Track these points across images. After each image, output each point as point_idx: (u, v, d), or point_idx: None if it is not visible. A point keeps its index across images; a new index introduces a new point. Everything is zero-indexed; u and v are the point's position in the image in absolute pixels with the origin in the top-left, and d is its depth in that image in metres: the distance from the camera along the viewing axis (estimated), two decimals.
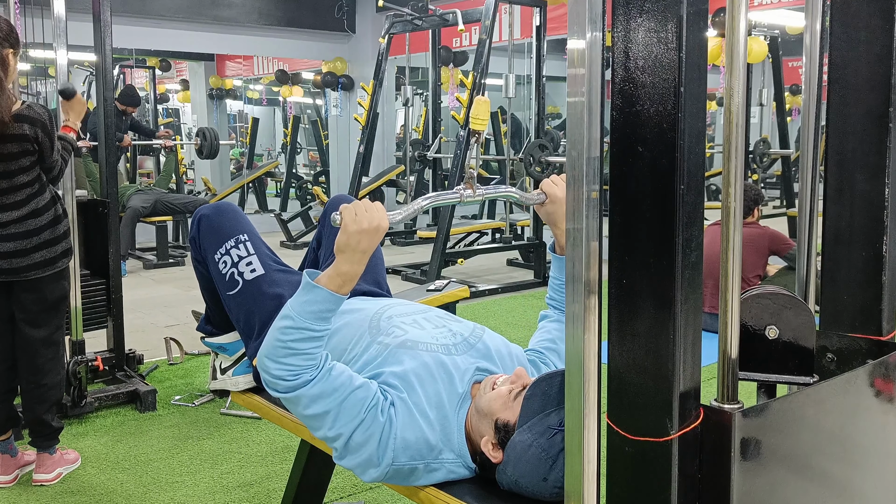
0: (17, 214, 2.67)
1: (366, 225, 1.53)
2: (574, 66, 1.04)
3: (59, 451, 2.91)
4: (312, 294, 1.55)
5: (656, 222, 1.02)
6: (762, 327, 1.25)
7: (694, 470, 1.07)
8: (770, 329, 1.24)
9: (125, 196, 7.05)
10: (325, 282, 1.55)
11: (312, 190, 9.57)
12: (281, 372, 1.56)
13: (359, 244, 1.53)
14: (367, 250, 1.54)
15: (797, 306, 1.25)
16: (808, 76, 1.43)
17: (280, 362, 1.55)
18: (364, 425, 1.55)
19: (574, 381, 1.09)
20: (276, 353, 1.56)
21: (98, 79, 3.88)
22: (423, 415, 1.58)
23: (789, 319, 1.25)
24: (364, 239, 1.53)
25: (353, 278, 1.56)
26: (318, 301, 1.54)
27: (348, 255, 1.54)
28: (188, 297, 5.89)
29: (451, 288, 3.71)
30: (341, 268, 1.55)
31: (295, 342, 1.54)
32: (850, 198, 1.39)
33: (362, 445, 1.55)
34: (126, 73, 10.95)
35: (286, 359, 1.55)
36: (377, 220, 1.54)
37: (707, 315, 1.29)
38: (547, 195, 1.74)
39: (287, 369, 1.55)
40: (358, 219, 1.53)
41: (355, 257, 1.54)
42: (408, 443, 1.55)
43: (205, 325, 2.17)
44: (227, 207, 2.07)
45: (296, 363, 1.55)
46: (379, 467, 1.56)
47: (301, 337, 1.54)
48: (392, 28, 7.36)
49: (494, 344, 1.79)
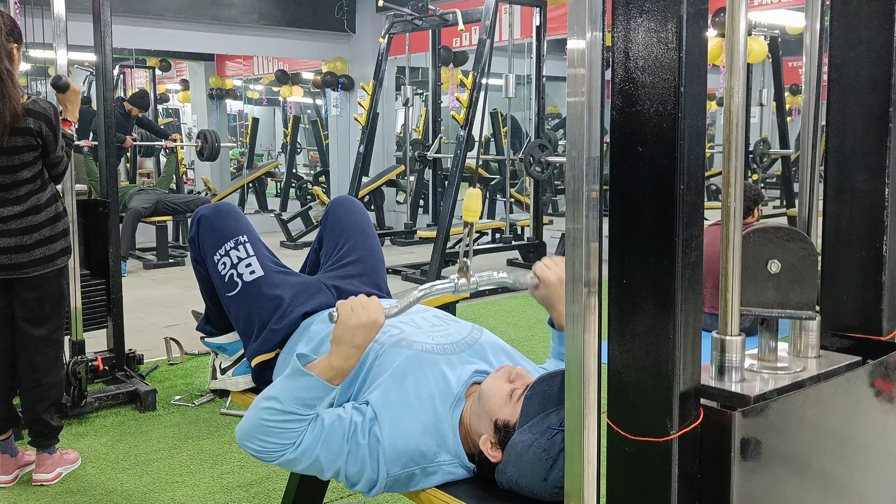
0: (17, 209, 2.67)
1: (364, 320, 1.53)
2: (574, 66, 1.04)
3: (59, 451, 2.91)
4: (303, 381, 1.54)
5: (656, 222, 1.02)
6: (764, 261, 1.23)
7: (694, 470, 1.07)
8: (772, 263, 1.23)
9: (126, 196, 7.05)
10: (317, 370, 1.54)
11: (312, 190, 9.58)
12: (262, 448, 1.55)
13: (354, 339, 1.54)
14: (361, 346, 1.55)
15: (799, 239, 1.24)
16: (808, 76, 1.43)
17: (262, 440, 1.54)
18: (352, 453, 1.55)
19: (574, 381, 1.09)
20: (259, 430, 1.54)
21: (98, 79, 3.89)
22: (412, 419, 1.58)
23: (791, 253, 1.23)
24: (359, 334, 1.54)
25: (346, 372, 1.56)
26: (308, 388, 1.54)
27: (343, 350, 1.54)
28: (188, 297, 5.89)
29: None
30: (335, 362, 1.55)
31: (278, 423, 1.53)
32: (850, 198, 1.39)
33: (360, 472, 1.56)
34: (126, 73, 10.96)
35: (268, 437, 1.54)
36: (374, 315, 1.54)
37: (707, 315, 1.28)
38: (540, 280, 1.72)
39: (269, 446, 1.54)
40: (354, 314, 1.53)
41: (350, 352, 1.55)
42: (398, 453, 1.55)
43: (205, 325, 2.17)
44: (227, 208, 2.06)
45: (278, 440, 1.54)
46: (378, 484, 1.57)
47: (285, 419, 1.53)
48: (392, 28, 7.36)
49: (491, 344, 1.79)
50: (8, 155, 2.62)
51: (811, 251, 1.23)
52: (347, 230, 2.14)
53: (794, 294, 1.23)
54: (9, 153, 2.62)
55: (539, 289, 1.73)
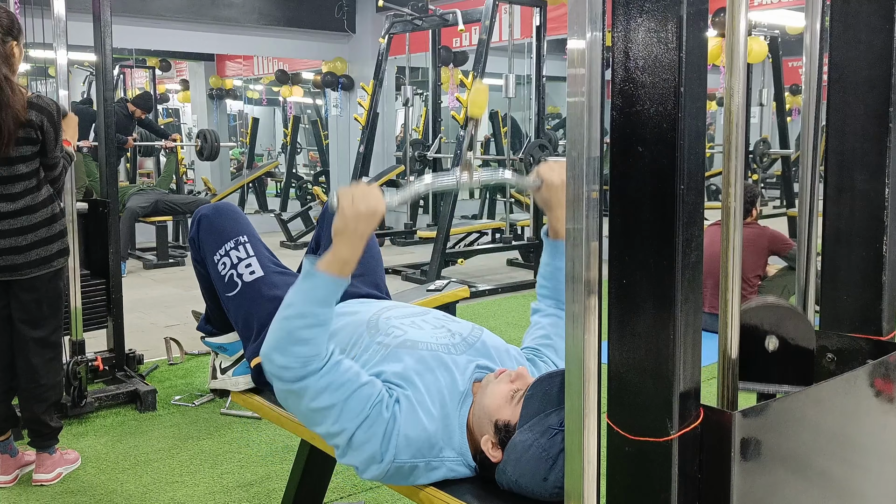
0: (11, 208, 2.65)
1: (363, 209, 1.52)
2: (574, 66, 1.04)
3: (58, 451, 2.91)
4: (314, 280, 1.55)
5: (656, 222, 1.02)
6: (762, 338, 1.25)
7: (694, 470, 1.07)
8: (770, 340, 1.24)
9: (125, 196, 7.06)
10: (324, 267, 1.55)
11: (312, 190, 9.57)
12: (286, 361, 1.54)
13: (356, 228, 1.53)
14: (364, 234, 1.55)
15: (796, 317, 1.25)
16: (808, 76, 1.43)
17: (286, 352, 1.54)
18: (368, 422, 1.55)
19: (574, 381, 1.09)
20: (282, 342, 1.55)
21: (98, 79, 3.89)
22: (426, 412, 1.58)
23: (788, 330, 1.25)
24: (361, 223, 1.53)
25: (352, 262, 1.56)
26: (321, 287, 1.54)
27: (346, 239, 1.54)
28: (188, 297, 5.89)
29: (451, 288, 3.71)
30: (340, 252, 1.55)
31: (300, 330, 1.53)
32: (850, 198, 1.39)
33: (365, 442, 1.55)
34: (126, 73, 10.96)
35: (292, 347, 1.54)
36: (374, 203, 1.53)
37: (707, 315, 1.29)
38: (543, 180, 1.72)
39: (293, 358, 1.54)
40: (355, 203, 1.53)
41: (353, 241, 1.54)
42: (410, 440, 1.55)
43: (205, 325, 2.17)
44: (227, 208, 2.06)
45: (301, 352, 1.54)
46: (381, 464, 1.55)
47: (305, 324, 1.53)
48: (392, 28, 7.36)
49: (493, 343, 1.79)
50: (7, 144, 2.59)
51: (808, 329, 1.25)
52: None
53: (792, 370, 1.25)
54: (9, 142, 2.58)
55: (541, 190, 1.73)
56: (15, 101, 2.54)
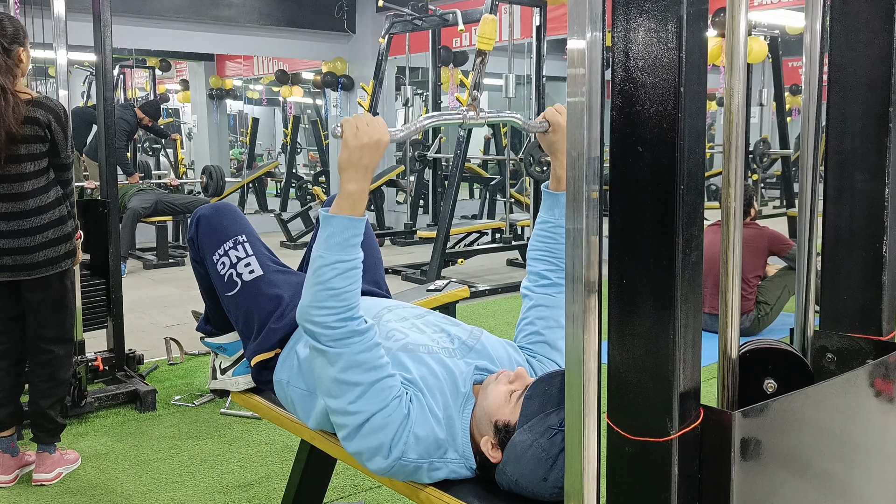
0: (20, 207, 2.66)
1: (366, 139, 1.51)
2: (574, 66, 1.04)
3: (59, 450, 2.91)
4: (331, 226, 1.54)
5: (656, 222, 1.02)
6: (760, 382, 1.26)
7: (694, 470, 1.07)
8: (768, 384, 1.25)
9: (126, 196, 7.06)
10: (337, 209, 1.54)
11: (312, 190, 9.57)
12: (325, 317, 1.53)
13: (360, 159, 1.52)
14: (369, 165, 1.53)
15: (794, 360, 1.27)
16: (808, 76, 1.43)
17: (322, 307, 1.53)
18: (386, 412, 1.54)
19: (574, 381, 1.09)
20: (315, 298, 1.54)
21: (98, 79, 3.88)
22: (433, 414, 1.58)
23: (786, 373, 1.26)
24: (366, 154, 1.52)
25: (363, 196, 1.55)
26: (339, 230, 1.53)
27: (352, 173, 1.53)
28: (188, 297, 5.89)
29: (451, 288, 3.71)
30: (347, 187, 1.54)
31: (332, 280, 1.52)
32: (850, 198, 1.39)
33: (378, 431, 1.54)
34: (126, 73, 10.96)
35: (328, 301, 1.53)
36: (378, 134, 1.52)
37: (707, 315, 1.29)
38: (550, 124, 1.72)
39: (331, 312, 1.53)
40: (359, 133, 1.51)
41: (359, 173, 1.53)
42: (419, 439, 1.55)
43: (204, 326, 2.17)
44: (226, 208, 2.06)
45: (338, 304, 1.53)
46: (388, 458, 1.55)
47: (336, 273, 1.52)
48: (392, 28, 7.36)
49: (492, 345, 1.79)
50: (14, 143, 2.60)
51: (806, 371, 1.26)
52: None
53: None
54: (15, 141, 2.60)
55: (548, 133, 1.73)
56: (9, 113, 2.54)
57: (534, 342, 1.84)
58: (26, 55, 2.67)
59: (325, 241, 1.54)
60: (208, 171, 8.20)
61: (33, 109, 2.62)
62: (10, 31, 2.60)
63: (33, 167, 2.67)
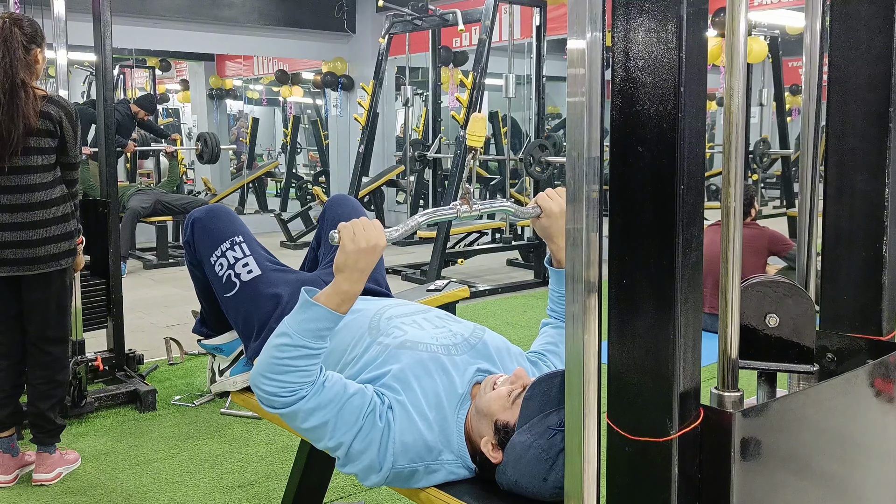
0: (24, 199, 2.69)
1: (363, 244, 1.52)
2: (574, 66, 1.04)
3: (58, 450, 2.91)
4: (310, 312, 1.53)
5: (656, 222, 1.02)
6: (762, 316, 1.24)
7: (694, 470, 1.07)
8: (770, 317, 1.24)
9: (125, 196, 7.06)
10: (323, 300, 1.54)
11: (312, 190, 9.57)
12: (276, 389, 1.54)
13: (357, 263, 1.53)
14: (365, 269, 1.54)
15: (797, 294, 1.24)
16: (808, 76, 1.43)
17: (275, 379, 1.54)
18: (363, 432, 1.55)
19: (574, 381, 1.09)
20: (272, 370, 1.54)
21: (98, 79, 3.88)
22: (421, 416, 1.58)
23: (789, 308, 1.24)
24: (362, 258, 1.53)
25: (353, 297, 1.56)
26: (317, 319, 1.53)
27: (347, 275, 1.53)
28: (188, 297, 5.87)
29: (451, 288, 3.71)
30: (341, 287, 1.54)
31: (292, 359, 1.53)
32: (850, 198, 1.39)
33: (363, 452, 1.55)
34: (126, 73, 10.96)
35: (282, 376, 1.53)
36: (374, 238, 1.53)
37: (707, 315, 1.28)
38: (542, 209, 1.71)
39: (282, 386, 1.54)
40: (356, 238, 1.52)
41: (354, 276, 1.54)
42: (407, 446, 1.55)
43: (200, 328, 2.17)
44: (220, 210, 2.06)
45: (292, 380, 1.53)
46: (380, 473, 1.56)
47: (298, 354, 1.53)
48: (392, 28, 7.36)
49: (494, 344, 1.79)
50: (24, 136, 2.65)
51: (809, 305, 1.24)
52: None
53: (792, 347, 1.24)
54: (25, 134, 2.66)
55: (541, 219, 1.72)
56: (28, 107, 2.63)
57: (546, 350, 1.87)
58: (42, 56, 2.77)
59: (299, 323, 1.54)
60: (203, 138, 8.16)
61: (46, 104, 2.70)
62: (28, 32, 2.69)
63: (41, 160, 2.71)
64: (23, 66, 2.64)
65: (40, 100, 2.69)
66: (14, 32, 2.63)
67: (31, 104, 2.63)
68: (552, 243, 1.76)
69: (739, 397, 1.11)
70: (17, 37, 2.63)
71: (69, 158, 2.79)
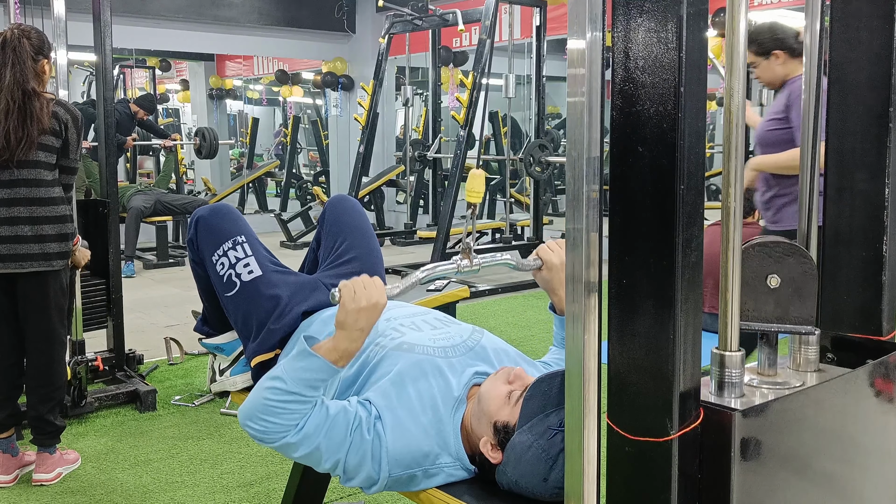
0: (24, 194, 2.71)
1: (364, 303, 1.51)
2: (574, 66, 1.04)
3: (59, 451, 2.91)
4: (307, 362, 1.53)
5: (656, 222, 1.02)
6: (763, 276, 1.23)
7: (694, 470, 1.07)
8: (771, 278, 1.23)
9: (126, 196, 7.06)
10: (322, 352, 1.53)
11: (312, 190, 9.57)
12: (264, 428, 1.54)
13: (357, 322, 1.52)
14: (365, 328, 1.54)
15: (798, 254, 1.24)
16: (808, 76, 1.43)
17: (265, 420, 1.53)
18: (354, 447, 1.55)
19: (574, 381, 1.09)
20: (262, 410, 1.53)
21: (98, 79, 3.89)
22: (415, 421, 1.58)
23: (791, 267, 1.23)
24: (362, 317, 1.52)
25: (351, 354, 1.55)
26: (313, 370, 1.53)
27: (347, 333, 1.53)
28: (188, 297, 5.89)
29: (451, 288, 3.71)
30: (340, 344, 1.54)
31: (282, 403, 1.52)
32: (850, 198, 1.39)
33: (359, 466, 1.56)
34: (126, 73, 10.97)
35: (271, 417, 1.53)
36: (375, 297, 1.53)
37: (707, 315, 1.28)
38: (543, 262, 1.71)
39: (271, 426, 1.53)
40: (356, 297, 1.52)
41: (354, 335, 1.53)
42: (401, 454, 1.55)
43: (202, 326, 2.17)
44: (224, 209, 2.06)
45: (280, 422, 1.53)
46: (378, 483, 1.56)
47: (289, 399, 1.52)
48: (392, 28, 7.36)
49: (493, 346, 1.79)
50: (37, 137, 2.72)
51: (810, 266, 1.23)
52: (345, 229, 2.14)
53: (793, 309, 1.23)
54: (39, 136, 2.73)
55: (542, 271, 1.72)
56: (42, 114, 2.72)
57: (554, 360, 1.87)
58: (49, 67, 2.85)
59: (295, 371, 1.53)
60: (201, 133, 8.18)
61: (55, 106, 2.78)
62: (36, 43, 2.78)
63: (44, 157, 2.75)
64: (32, 76, 2.72)
65: (51, 103, 2.77)
66: (23, 43, 2.73)
67: (44, 110, 2.72)
68: (554, 295, 1.76)
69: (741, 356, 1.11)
70: (25, 47, 2.72)
71: (69, 162, 2.83)
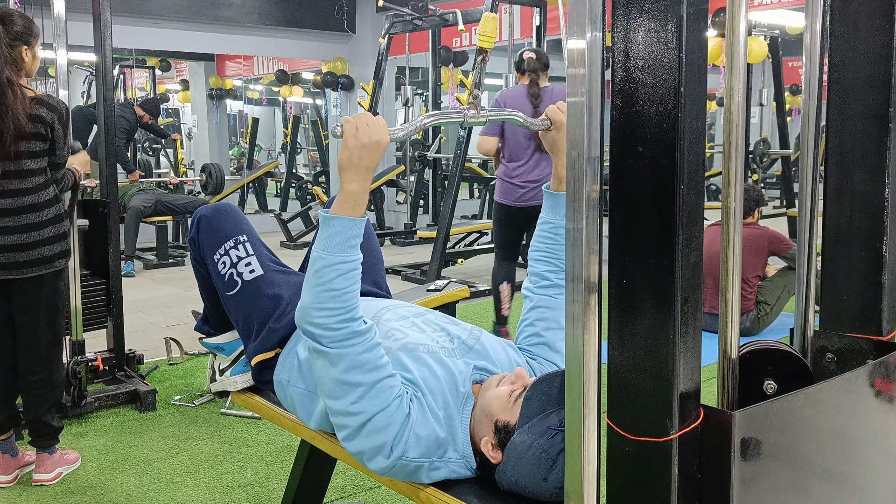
0: (17, 203, 2.66)
1: (366, 140, 1.50)
2: (574, 66, 1.04)
3: (58, 451, 2.91)
4: (332, 226, 1.53)
5: (656, 222, 1.02)
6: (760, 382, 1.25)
7: (694, 470, 1.07)
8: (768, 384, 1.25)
9: (126, 196, 7.06)
10: (338, 210, 1.53)
11: (312, 190, 9.57)
12: (326, 319, 1.52)
13: (360, 160, 1.51)
14: (369, 166, 1.52)
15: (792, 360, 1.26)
16: (808, 76, 1.43)
17: (324, 308, 1.52)
18: (387, 412, 1.54)
19: (574, 381, 1.09)
20: (317, 298, 1.53)
21: (98, 79, 3.88)
22: (434, 415, 1.58)
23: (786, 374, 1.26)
24: (366, 154, 1.51)
25: (363, 196, 1.54)
26: (340, 230, 1.52)
27: (352, 173, 1.52)
28: (188, 297, 5.89)
29: (451, 288, 3.71)
30: (348, 187, 1.53)
31: (333, 281, 1.52)
32: (850, 198, 1.39)
33: (380, 431, 1.54)
34: (126, 73, 10.97)
35: (329, 302, 1.52)
36: (378, 134, 1.51)
37: (707, 315, 1.28)
38: (552, 122, 1.72)
39: (332, 314, 1.52)
40: (359, 134, 1.50)
41: (360, 174, 1.52)
42: (420, 439, 1.55)
43: (202, 326, 2.17)
44: (226, 208, 2.06)
45: (339, 305, 1.52)
46: (389, 458, 1.55)
47: (337, 273, 1.52)
48: (392, 28, 7.36)
49: (492, 345, 1.79)
50: (15, 140, 2.61)
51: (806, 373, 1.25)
52: None
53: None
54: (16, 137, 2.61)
55: (550, 131, 1.73)
56: (17, 106, 2.56)
57: (533, 343, 1.84)
58: (31, 55, 2.70)
59: (326, 241, 1.53)
60: (208, 170, 8.23)
61: (37, 107, 2.64)
62: (16, 29, 2.64)
63: (33, 164, 2.68)
64: (7, 63, 2.56)
65: (30, 101, 2.62)
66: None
67: (20, 103, 2.57)
68: (558, 158, 1.76)
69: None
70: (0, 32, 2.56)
71: (56, 158, 2.76)
